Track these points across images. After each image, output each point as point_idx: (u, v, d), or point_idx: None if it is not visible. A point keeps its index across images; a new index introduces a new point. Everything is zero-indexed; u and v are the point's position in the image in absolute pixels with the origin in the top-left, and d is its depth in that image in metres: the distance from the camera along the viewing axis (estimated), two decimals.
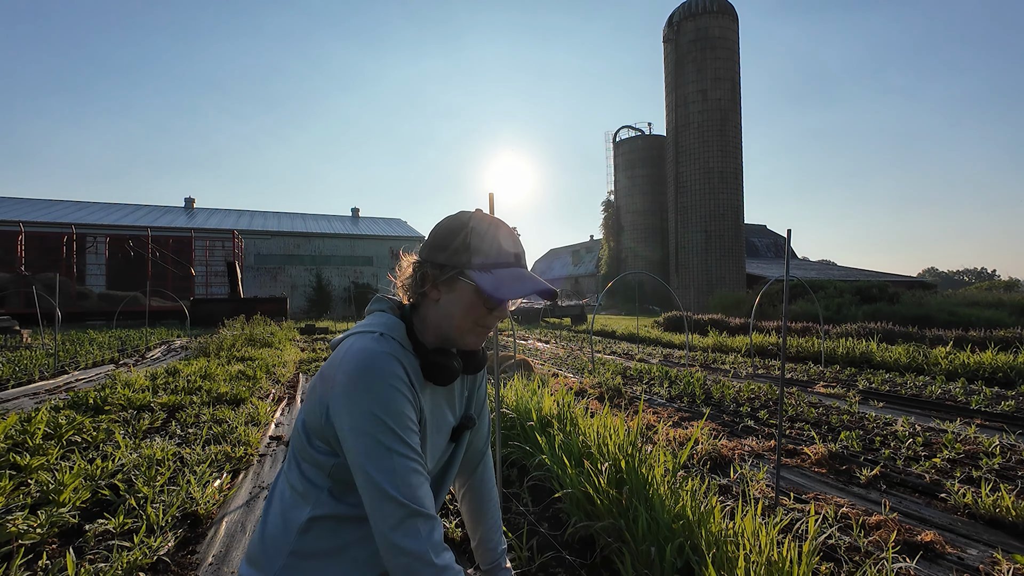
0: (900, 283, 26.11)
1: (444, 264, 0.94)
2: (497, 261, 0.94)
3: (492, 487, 1.24)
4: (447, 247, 0.95)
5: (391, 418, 0.84)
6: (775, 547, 1.62)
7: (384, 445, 0.83)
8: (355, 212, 45.51)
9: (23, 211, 31.30)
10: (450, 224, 0.97)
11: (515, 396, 3.54)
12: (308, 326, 17.15)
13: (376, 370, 0.86)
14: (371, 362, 0.87)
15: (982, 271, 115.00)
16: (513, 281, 0.93)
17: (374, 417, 0.83)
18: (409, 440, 0.86)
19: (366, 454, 0.83)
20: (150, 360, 9.36)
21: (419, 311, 1.01)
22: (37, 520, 2.14)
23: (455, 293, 0.95)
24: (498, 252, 0.95)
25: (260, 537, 0.97)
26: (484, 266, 0.93)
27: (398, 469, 0.83)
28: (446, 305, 0.96)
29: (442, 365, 0.95)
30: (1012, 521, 2.36)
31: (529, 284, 0.93)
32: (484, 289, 0.91)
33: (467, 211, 1.00)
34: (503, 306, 0.98)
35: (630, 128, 42.47)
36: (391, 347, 0.91)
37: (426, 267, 0.97)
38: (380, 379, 0.85)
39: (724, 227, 30.76)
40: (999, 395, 5.49)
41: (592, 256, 51.16)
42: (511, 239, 0.98)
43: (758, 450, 3.52)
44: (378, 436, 0.83)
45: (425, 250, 0.99)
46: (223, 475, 3.00)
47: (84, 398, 4.33)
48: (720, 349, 10.83)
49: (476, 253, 0.93)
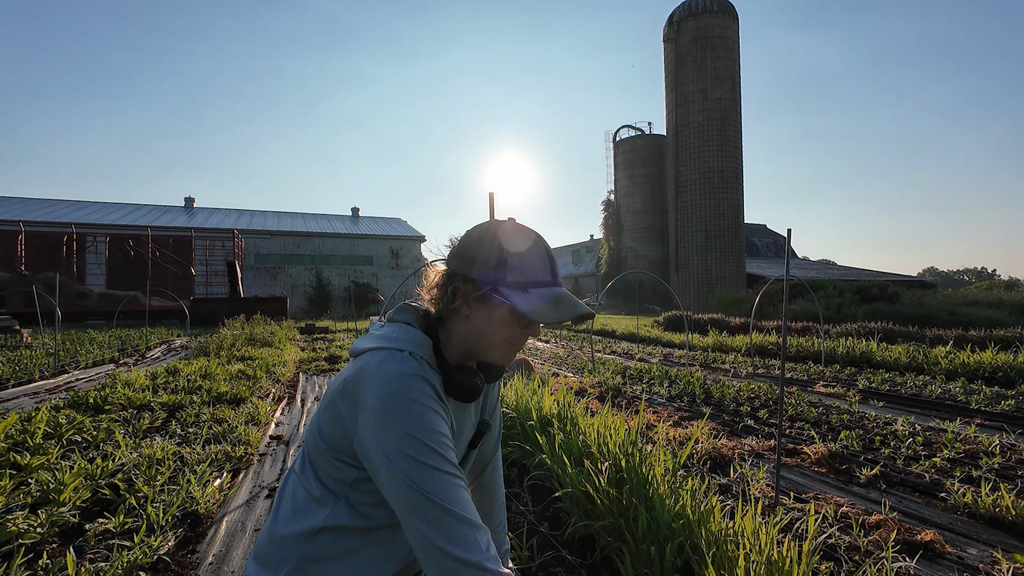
0: (900, 283, 26.10)
1: (477, 279, 0.90)
2: (534, 280, 0.90)
3: (500, 487, 1.22)
4: (480, 261, 0.90)
5: (431, 438, 0.82)
6: (775, 546, 1.62)
7: (429, 465, 0.81)
8: (355, 212, 45.50)
9: (23, 211, 31.29)
10: (482, 236, 0.93)
11: (515, 395, 3.54)
12: (308, 325, 17.16)
13: (409, 392, 0.84)
14: (403, 385, 0.84)
15: (982, 271, 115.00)
16: (551, 303, 0.89)
17: (413, 439, 0.81)
18: (449, 457, 0.84)
19: (411, 475, 0.80)
20: (150, 360, 9.36)
21: (446, 325, 0.98)
22: (37, 519, 2.14)
23: (487, 310, 0.92)
24: (534, 270, 0.91)
25: (269, 538, 0.95)
26: (520, 284, 0.89)
27: (446, 486, 0.81)
28: (477, 322, 0.93)
29: (466, 385, 0.93)
30: (1012, 521, 2.35)
31: (567, 308, 0.89)
32: (520, 310, 0.87)
33: (499, 220, 0.96)
34: (536, 324, 0.95)
35: (630, 128, 42.44)
36: (421, 369, 0.88)
37: (457, 281, 0.92)
38: (415, 400, 0.83)
39: (724, 227, 30.75)
40: (999, 395, 5.49)
41: (592, 256, 51.15)
42: (547, 256, 0.94)
43: (758, 449, 3.52)
44: (420, 457, 0.81)
45: (455, 261, 0.94)
46: (223, 474, 3.00)
47: (84, 397, 4.33)
48: (720, 349, 10.83)
49: (511, 270, 0.89)
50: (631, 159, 41.15)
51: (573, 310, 0.89)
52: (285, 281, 34.44)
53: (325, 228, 38.15)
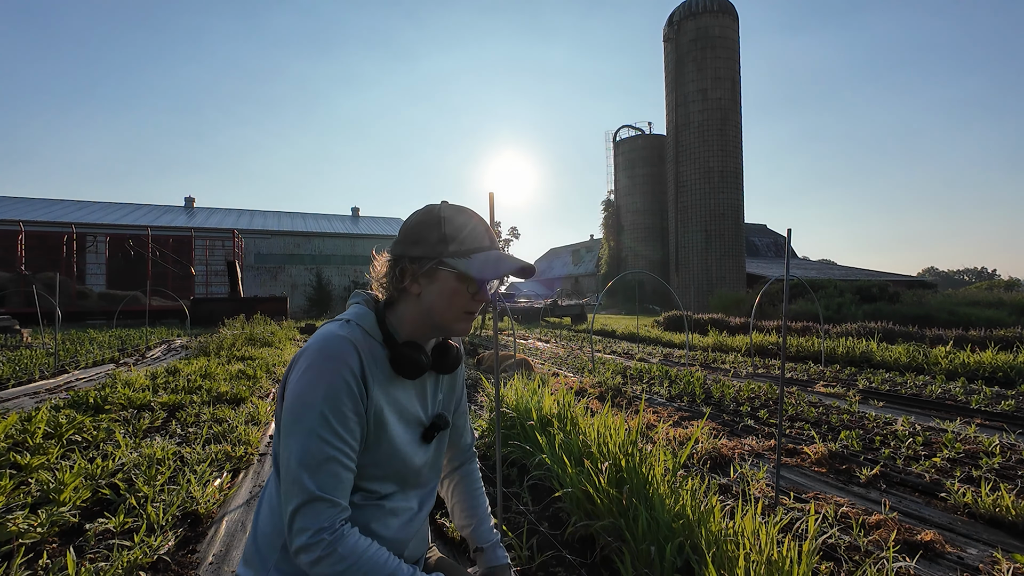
0: (900, 282, 26.09)
1: (421, 256, 0.96)
2: (473, 246, 0.97)
3: (479, 477, 1.28)
4: (423, 240, 0.97)
5: (327, 405, 0.86)
6: (775, 546, 1.62)
7: (310, 429, 0.85)
8: (355, 212, 45.52)
9: (23, 211, 31.30)
10: (422, 218, 0.99)
11: (515, 395, 3.54)
12: (308, 325, 17.16)
13: (330, 355, 0.89)
14: (327, 345, 0.90)
15: (982, 271, 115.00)
16: (493, 262, 0.97)
17: (313, 400, 0.86)
18: (340, 431, 0.87)
19: (290, 432, 0.86)
20: (150, 359, 9.36)
21: (395, 307, 1.02)
22: (37, 519, 2.14)
23: (436, 283, 0.97)
24: (473, 238, 0.98)
25: (253, 538, 0.99)
26: (462, 252, 0.96)
27: (316, 453, 0.85)
28: (428, 297, 0.98)
29: (410, 358, 0.96)
30: (1012, 520, 2.35)
31: (508, 263, 0.97)
32: (467, 273, 0.94)
33: (434, 204, 1.02)
34: (484, 290, 1.01)
35: (630, 127, 42.45)
36: (353, 333, 0.93)
37: (403, 262, 0.98)
38: (332, 362, 0.88)
39: (724, 227, 30.75)
40: (999, 394, 5.49)
41: (592, 256, 51.16)
42: (483, 225, 1.01)
43: (758, 449, 3.52)
44: (308, 419, 0.85)
45: (400, 247, 1.00)
46: (223, 474, 3.00)
47: (84, 397, 4.33)
48: (720, 348, 10.83)
49: (452, 241, 0.96)
50: (631, 159, 41.16)
51: (514, 264, 0.98)
52: (285, 281, 34.44)
53: (325, 228, 38.16)
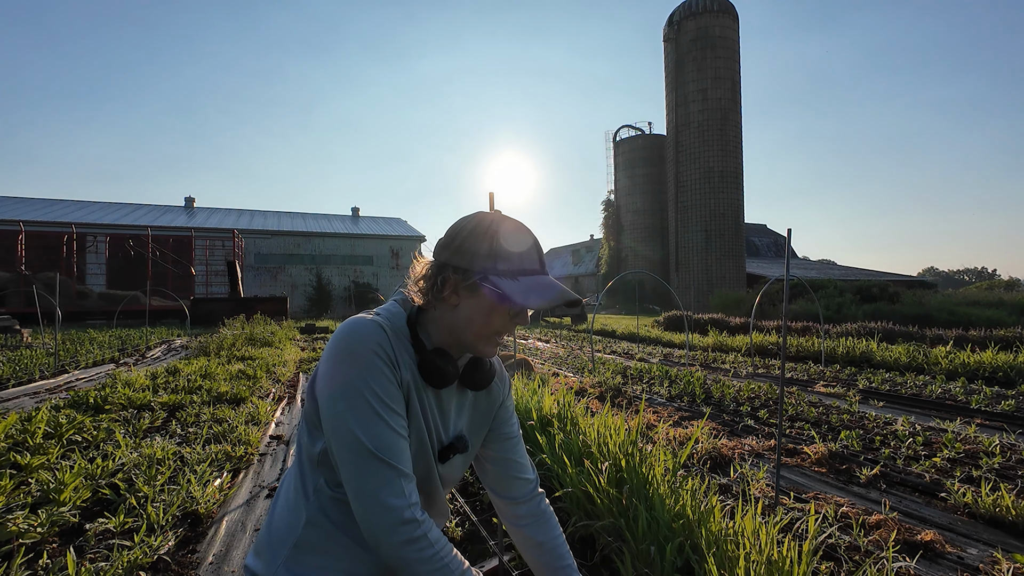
0: (900, 282, 26.08)
1: (467, 269, 0.91)
2: (523, 268, 0.92)
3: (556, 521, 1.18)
4: (471, 251, 0.91)
5: (375, 382, 0.85)
6: (775, 546, 1.62)
7: (371, 407, 0.84)
8: (355, 212, 45.49)
9: (23, 211, 31.29)
10: (473, 227, 0.93)
11: (515, 395, 3.54)
12: (308, 325, 17.15)
13: (360, 336, 0.87)
14: (356, 327, 0.88)
15: (982, 271, 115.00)
16: (540, 289, 0.91)
17: (357, 382, 0.84)
18: (394, 406, 0.87)
19: (350, 415, 0.83)
20: (150, 359, 9.36)
21: (430, 313, 0.98)
22: (38, 519, 2.14)
23: (476, 299, 0.93)
24: (524, 259, 0.93)
25: (267, 530, 0.99)
26: (511, 273, 0.91)
27: (383, 431, 0.84)
28: (466, 311, 0.94)
29: (435, 365, 0.94)
30: (1012, 520, 2.35)
31: (556, 293, 0.91)
32: (511, 297, 0.88)
33: (486, 212, 0.97)
34: (525, 313, 0.97)
35: (630, 127, 42.43)
36: (382, 322, 0.92)
37: (447, 271, 0.93)
38: (364, 344, 0.87)
39: (724, 226, 30.74)
40: (999, 394, 5.49)
41: (592, 255, 51.14)
42: (536, 246, 0.96)
43: (758, 449, 3.52)
44: (362, 399, 0.84)
45: (445, 252, 0.94)
46: (223, 474, 3.00)
47: (84, 397, 4.33)
48: (720, 348, 10.82)
49: (502, 259, 0.91)
50: (631, 159, 41.14)
51: (563, 295, 0.92)
52: (285, 281, 34.42)
53: (325, 228, 38.14)
